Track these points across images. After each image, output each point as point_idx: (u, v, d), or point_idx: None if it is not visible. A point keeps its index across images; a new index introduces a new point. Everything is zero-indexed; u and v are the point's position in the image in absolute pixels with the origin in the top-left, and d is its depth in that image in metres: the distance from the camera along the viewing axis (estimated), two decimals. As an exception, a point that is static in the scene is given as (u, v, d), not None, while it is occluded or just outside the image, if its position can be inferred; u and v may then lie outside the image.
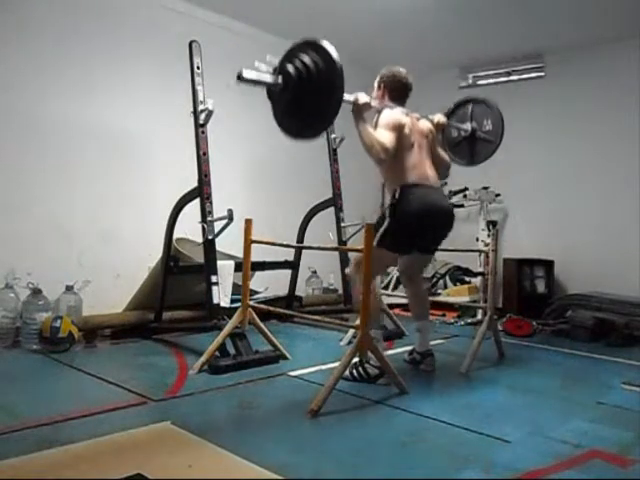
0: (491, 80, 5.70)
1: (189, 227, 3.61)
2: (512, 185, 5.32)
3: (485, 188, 5.26)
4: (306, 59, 2.41)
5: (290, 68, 2.41)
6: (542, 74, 5.34)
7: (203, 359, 2.96)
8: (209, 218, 3.33)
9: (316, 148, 4.75)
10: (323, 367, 3.08)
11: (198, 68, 3.40)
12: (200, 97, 3.37)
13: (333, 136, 4.55)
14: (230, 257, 3.82)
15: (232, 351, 3.07)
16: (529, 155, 5.33)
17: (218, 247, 3.43)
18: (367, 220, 3.14)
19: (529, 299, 4.96)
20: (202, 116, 3.36)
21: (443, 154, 3.23)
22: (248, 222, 3.12)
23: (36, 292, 3.42)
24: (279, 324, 4.40)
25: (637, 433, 2.26)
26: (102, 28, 4.00)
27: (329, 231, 4.38)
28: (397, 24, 4.70)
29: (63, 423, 2.14)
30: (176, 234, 3.69)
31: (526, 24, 4.63)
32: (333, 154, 4.57)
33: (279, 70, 2.44)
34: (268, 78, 2.47)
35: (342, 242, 4.42)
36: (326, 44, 2.42)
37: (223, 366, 2.93)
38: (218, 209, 3.35)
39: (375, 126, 2.89)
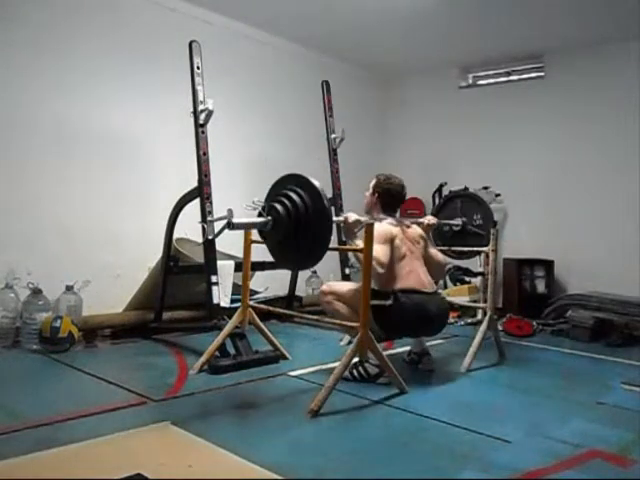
0: (491, 80, 5.70)
1: (189, 227, 3.61)
2: (512, 185, 5.32)
3: (485, 188, 5.26)
4: (292, 195, 2.47)
5: (278, 207, 2.47)
6: (542, 74, 5.34)
7: (203, 359, 2.96)
8: (209, 218, 3.33)
9: (316, 148, 4.76)
10: (323, 367, 3.08)
11: (198, 68, 3.40)
12: (200, 97, 3.37)
13: (333, 136, 4.55)
14: (230, 257, 3.82)
15: (232, 351, 3.07)
16: (529, 155, 5.33)
17: (218, 247, 3.43)
18: (367, 220, 3.14)
19: (529, 299, 4.97)
20: (202, 116, 3.36)
21: (437, 254, 3.27)
22: (248, 222, 3.12)
23: (36, 292, 3.42)
24: (279, 324, 4.40)
25: (637, 433, 2.26)
26: (102, 28, 4.00)
27: (329, 231, 4.38)
28: (397, 24, 4.69)
29: (63, 423, 2.14)
30: (176, 234, 3.69)
31: (526, 24, 4.62)
32: (333, 154, 4.57)
33: (267, 210, 2.48)
34: (258, 220, 2.53)
35: (342, 242, 4.41)
36: (310, 178, 2.48)
37: (223, 366, 2.94)
38: (218, 209, 3.35)
39: None
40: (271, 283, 4.35)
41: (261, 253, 3.55)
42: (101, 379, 2.76)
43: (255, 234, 3.13)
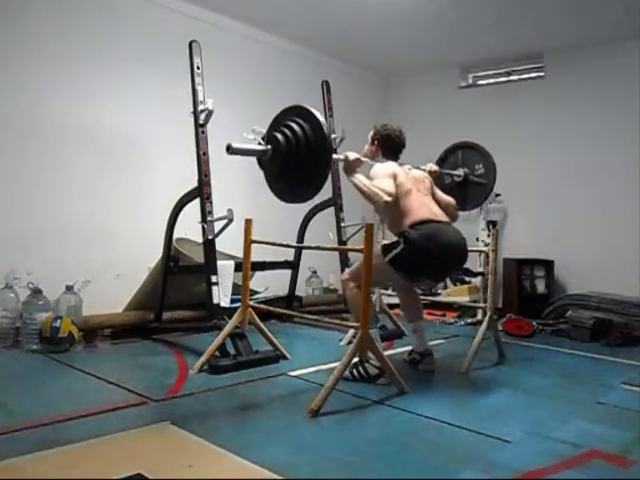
0: (491, 80, 5.71)
1: (189, 227, 3.61)
2: (512, 185, 5.32)
3: (485, 188, 5.25)
4: (293, 125, 2.44)
5: (279, 136, 2.43)
6: (542, 74, 5.35)
7: (203, 359, 2.96)
8: (209, 218, 3.33)
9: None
10: (323, 367, 3.08)
11: (198, 68, 3.40)
12: (200, 97, 3.37)
13: (333, 136, 4.53)
14: (230, 257, 3.82)
15: (232, 351, 3.07)
16: (529, 155, 5.33)
17: (218, 247, 3.43)
18: (367, 220, 3.15)
19: (529, 299, 4.97)
20: (202, 116, 3.36)
21: (445, 196, 3.22)
22: (248, 222, 3.12)
23: (36, 292, 3.42)
24: (279, 324, 4.40)
25: (637, 433, 2.26)
26: (102, 28, 4.00)
27: (329, 231, 4.38)
28: (397, 24, 4.70)
29: (63, 423, 2.14)
30: (176, 234, 3.69)
31: (526, 24, 4.63)
32: (337, 154, 4.56)
33: (267, 139, 2.46)
34: (257, 147, 2.48)
35: (342, 242, 4.41)
36: (312, 110, 2.45)
37: (223, 366, 2.93)
38: (218, 209, 3.35)
39: (368, 179, 2.90)
40: (271, 283, 4.36)
41: (261, 253, 3.56)
42: (101, 379, 2.76)
43: (255, 234, 3.13)
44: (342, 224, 4.45)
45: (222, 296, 3.37)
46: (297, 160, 2.42)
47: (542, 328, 4.48)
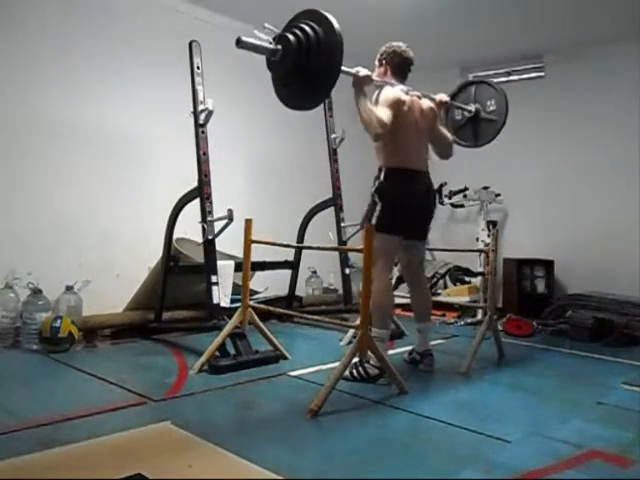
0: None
1: (189, 227, 3.61)
2: (512, 185, 5.32)
3: (485, 188, 5.26)
4: (306, 28, 2.39)
5: (290, 36, 2.39)
6: (542, 74, 5.35)
7: (203, 359, 2.96)
8: (209, 218, 3.33)
9: (316, 148, 4.76)
10: (323, 367, 3.08)
11: (198, 68, 3.41)
12: (200, 97, 3.37)
13: (333, 136, 4.55)
14: (230, 257, 3.82)
15: (232, 351, 3.07)
16: (529, 155, 5.33)
17: (218, 247, 3.43)
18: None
19: (529, 299, 4.96)
20: (202, 116, 3.37)
21: (444, 131, 3.23)
22: (248, 222, 3.12)
23: (36, 292, 3.42)
24: (279, 324, 4.40)
25: (637, 433, 2.26)
26: (102, 27, 4.00)
27: (329, 231, 4.38)
28: (397, 24, 4.69)
29: (63, 423, 2.14)
30: (176, 234, 3.69)
31: (526, 24, 4.62)
32: (333, 154, 4.57)
33: (279, 39, 2.43)
34: (267, 45, 2.45)
35: (342, 242, 4.42)
36: (327, 14, 2.40)
37: (223, 366, 2.93)
38: (218, 209, 3.35)
39: (375, 103, 2.91)
40: (271, 283, 4.35)
41: (261, 253, 3.56)
42: (101, 379, 2.76)
43: (255, 234, 3.13)
44: (342, 224, 4.45)
45: (222, 296, 3.37)
46: (306, 63, 2.37)
47: (542, 328, 4.47)
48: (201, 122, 3.38)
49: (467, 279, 5.23)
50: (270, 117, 5.02)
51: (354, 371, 2.85)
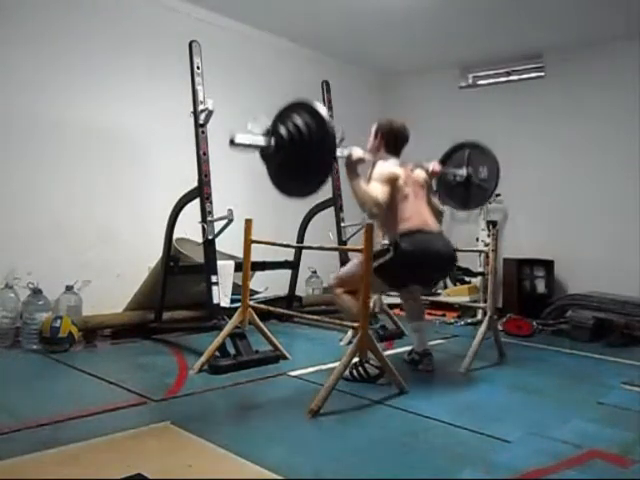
0: (491, 80, 5.70)
1: (189, 227, 3.61)
2: (512, 185, 5.31)
3: (485, 188, 5.25)
4: (297, 120, 2.43)
5: (282, 130, 2.42)
6: (542, 74, 5.34)
7: (203, 359, 2.96)
8: (209, 218, 3.33)
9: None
10: (323, 367, 3.08)
11: (198, 68, 3.40)
12: (200, 97, 3.37)
13: (333, 136, 4.55)
14: (230, 257, 3.82)
15: (232, 351, 3.07)
16: (529, 155, 5.33)
17: (218, 247, 3.43)
18: (367, 220, 3.15)
19: (529, 299, 4.96)
20: (202, 116, 3.36)
21: (436, 202, 3.27)
22: (248, 222, 3.12)
23: (36, 292, 3.42)
24: (279, 324, 4.40)
25: (637, 433, 2.26)
26: (102, 27, 4.00)
27: (329, 231, 4.38)
28: (397, 24, 4.70)
29: (63, 423, 2.14)
30: (176, 234, 3.69)
31: (526, 24, 4.62)
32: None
33: (271, 132, 2.45)
34: (261, 141, 2.49)
35: (342, 242, 4.41)
36: (316, 104, 2.44)
37: (223, 366, 2.93)
38: (218, 209, 3.35)
39: (369, 179, 2.91)
40: (271, 283, 4.35)
41: (261, 253, 3.56)
42: (101, 379, 2.76)
43: (255, 234, 3.13)
44: (342, 224, 4.45)
45: (222, 296, 3.37)
46: (299, 155, 2.41)
47: (542, 328, 4.47)
48: (201, 122, 3.38)
49: (467, 279, 5.23)
50: (270, 117, 5.02)
51: (354, 371, 2.85)
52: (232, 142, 2.42)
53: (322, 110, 2.41)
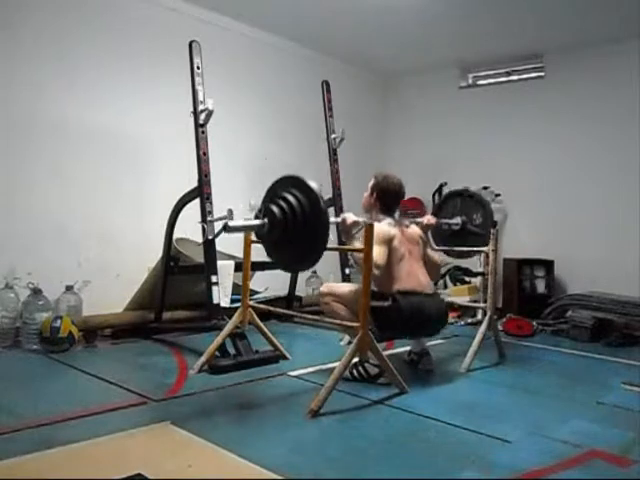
0: (491, 80, 5.70)
1: (189, 227, 3.61)
2: (512, 185, 5.33)
3: (485, 188, 5.26)
4: (288, 197, 2.45)
5: (274, 208, 2.44)
6: (542, 74, 5.34)
7: (203, 359, 2.96)
8: (209, 218, 3.33)
9: (316, 148, 4.76)
10: (323, 367, 3.08)
11: (198, 68, 3.40)
12: (200, 97, 3.37)
13: (333, 136, 4.55)
14: (230, 257, 3.82)
15: (232, 351, 3.07)
16: (529, 155, 5.33)
17: (218, 247, 3.43)
18: (367, 220, 3.14)
19: (529, 299, 4.97)
20: (202, 116, 3.36)
21: (434, 254, 3.28)
22: (248, 222, 3.12)
23: (36, 292, 3.42)
24: (279, 324, 4.40)
25: (637, 433, 2.26)
26: (101, 28, 4.00)
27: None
28: (397, 24, 4.69)
29: (63, 423, 2.14)
30: (176, 234, 3.69)
31: (526, 24, 4.63)
32: (333, 154, 4.57)
33: (263, 212, 2.47)
34: (253, 223, 2.51)
35: (342, 242, 4.41)
36: (305, 179, 2.45)
37: (223, 366, 2.94)
38: (218, 209, 3.35)
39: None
40: (271, 283, 4.35)
41: (261, 253, 3.54)
42: (101, 379, 2.76)
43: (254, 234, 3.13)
44: (342, 224, 4.44)
45: (222, 296, 3.37)
46: (293, 231, 2.45)
47: (542, 328, 4.48)
48: (201, 122, 3.38)
49: (467, 279, 5.23)
50: (270, 117, 5.03)
51: (354, 371, 2.85)
52: (226, 228, 2.45)
53: (312, 183, 2.42)
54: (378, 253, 2.82)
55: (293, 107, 5.21)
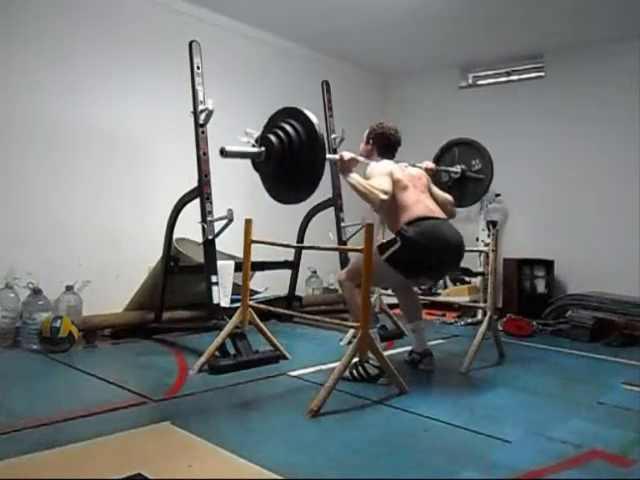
0: (491, 80, 5.71)
1: (189, 227, 3.61)
2: (512, 185, 5.32)
3: (485, 188, 5.25)
4: (286, 127, 2.45)
5: (272, 137, 2.45)
6: (542, 74, 5.35)
7: (203, 359, 2.96)
8: (209, 218, 3.33)
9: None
10: (323, 367, 3.08)
11: (198, 68, 3.41)
12: (200, 97, 3.37)
13: (333, 136, 4.54)
14: (230, 257, 3.82)
15: (232, 351, 3.07)
16: (529, 155, 5.33)
17: (218, 247, 3.43)
18: (367, 220, 3.15)
19: (529, 299, 4.97)
20: (202, 116, 3.37)
21: (442, 193, 3.22)
22: (248, 222, 3.12)
23: (36, 292, 3.42)
24: (279, 324, 4.40)
25: (637, 433, 2.26)
26: (102, 28, 4.00)
27: (329, 231, 4.38)
28: (397, 24, 4.69)
29: (63, 423, 2.14)
30: (176, 234, 3.69)
31: (526, 24, 4.62)
32: (333, 154, 4.56)
33: (261, 141, 2.47)
34: (250, 150, 2.51)
35: (342, 242, 4.41)
36: (305, 110, 2.46)
37: (223, 366, 2.93)
38: (218, 209, 3.35)
39: (365, 178, 2.90)
40: (271, 283, 4.35)
41: (261, 253, 3.56)
42: (101, 379, 2.76)
43: (255, 234, 3.13)
44: (342, 224, 4.45)
45: (222, 296, 3.37)
46: (290, 161, 2.44)
47: (542, 328, 4.47)
48: (201, 122, 3.38)
49: (467, 279, 5.22)
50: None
51: (354, 371, 2.85)
52: (222, 152, 2.45)
53: (311, 115, 2.43)
54: (382, 182, 2.79)
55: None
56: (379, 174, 2.86)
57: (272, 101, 2.92)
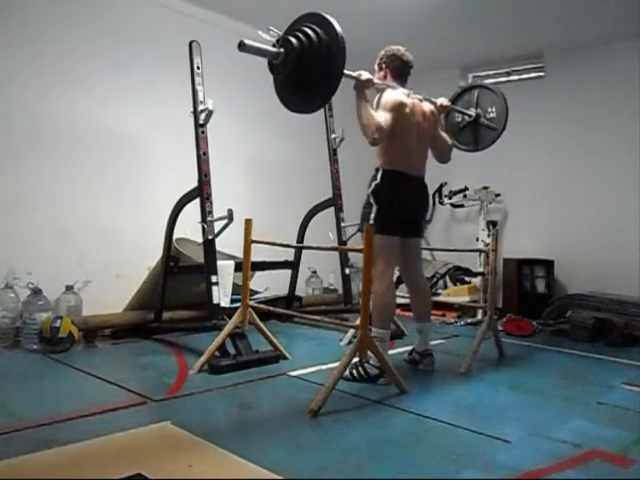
0: (491, 80, 5.69)
1: (189, 227, 3.61)
2: (512, 185, 5.33)
3: (485, 188, 5.26)
4: (309, 31, 2.40)
5: (292, 40, 2.40)
6: (542, 74, 5.35)
7: (203, 359, 2.96)
8: (209, 218, 3.33)
9: (316, 148, 4.76)
10: (323, 367, 3.08)
11: (198, 68, 3.41)
12: (200, 97, 3.37)
13: (333, 136, 4.55)
14: (230, 257, 3.82)
15: (232, 351, 3.07)
16: (529, 155, 5.33)
17: (218, 247, 3.43)
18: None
19: (529, 299, 4.97)
20: (202, 116, 3.37)
21: (445, 136, 3.25)
22: (248, 222, 3.12)
23: (36, 292, 3.42)
24: (279, 324, 4.40)
25: (637, 433, 2.26)
26: (102, 28, 4.00)
27: (329, 231, 4.38)
28: (397, 24, 4.69)
29: (63, 423, 2.14)
30: (176, 234, 3.69)
31: (526, 24, 4.63)
32: (333, 154, 4.57)
33: (281, 42, 2.44)
34: (270, 49, 2.46)
35: (342, 242, 4.41)
36: (329, 17, 2.41)
37: (223, 366, 2.93)
38: (218, 209, 3.35)
39: (377, 106, 2.90)
40: (271, 283, 4.35)
41: (261, 253, 3.56)
42: (101, 379, 2.76)
43: (255, 234, 3.13)
44: (342, 224, 4.45)
45: (222, 296, 3.37)
46: (309, 66, 2.38)
47: (542, 328, 4.48)
48: (201, 122, 3.38)
49: (467, 279, 5.23)
50: (270, 117, 5.01)
51: (354, 371, 2.85)
52: (241, 45, 2.39)
53: (335, 22, 2.39)
54: (385, 118, 2.80)
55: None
56: (389, 107, 2.85)
57: (272, 101, 2.92)
